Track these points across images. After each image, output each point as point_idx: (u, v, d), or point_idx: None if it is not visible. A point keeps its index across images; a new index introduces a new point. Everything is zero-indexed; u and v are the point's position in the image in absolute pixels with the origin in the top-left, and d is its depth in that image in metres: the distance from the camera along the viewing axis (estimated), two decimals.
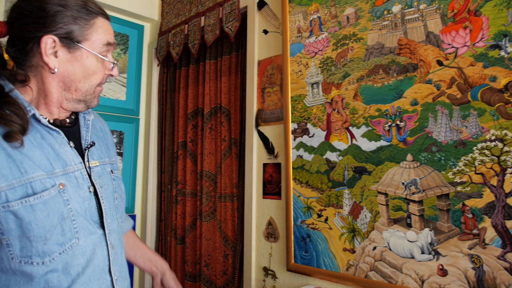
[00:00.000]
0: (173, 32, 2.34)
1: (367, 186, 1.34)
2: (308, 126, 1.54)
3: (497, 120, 1.07)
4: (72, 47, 0.85)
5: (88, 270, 0.84)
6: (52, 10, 0.82)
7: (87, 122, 0.98)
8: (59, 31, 0.83)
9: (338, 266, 1.40)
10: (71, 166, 0.87)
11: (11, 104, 0.78)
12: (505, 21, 1.07)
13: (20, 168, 0.77)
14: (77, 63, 0.86)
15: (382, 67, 1.33)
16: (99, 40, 0.89)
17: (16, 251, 0.76)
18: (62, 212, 0.81)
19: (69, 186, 0.84)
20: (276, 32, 1.74)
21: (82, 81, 0.88)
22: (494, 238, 1.05)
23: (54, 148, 0.85)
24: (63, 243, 0.81)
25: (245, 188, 1.80)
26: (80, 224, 0.84)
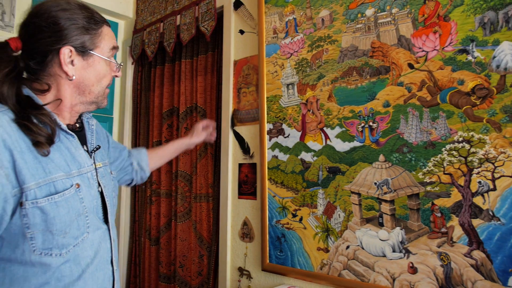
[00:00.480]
0: (148, 30, 2.29)
1: (340, 186, 1.34)
2: (284, 127, 1.54)
3: (464, 122, 1.10)
4: (86, 55, 0.94)
5: (95, 261, 0.93)
6: (65, 24, 0.90)
7: (91, 127, 1.07)
8: (74, 42, 0.91)
9: (312, 266, 1.40)
10: (84, 168, 0.95)
11: (43, 114, 0.87)
12: (472, 26, 1.10)
13: (45, 168, 0.85)
14: (90, 69, 0.95)
15: (355, 69, 1.34)
16: (107, 46, 0.98)
17: (39, 243, 0.83)
18: (78, 209, 0.90)
19: (83, 186, 0.93)
20: (252, 33, 1.73)
21: (95, 84, 0.97)
22: (461, 236, 1.08)
23: (70, 151, 0.93)
24: (77, 236, 0.89)
25: (221, 188, 1.78)
26: (91, 219, 0.93)
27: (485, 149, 1.05)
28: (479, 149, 1.06)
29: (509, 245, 1.00)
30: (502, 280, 1.01)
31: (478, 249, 1.05)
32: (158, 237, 2.19)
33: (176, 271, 2.00)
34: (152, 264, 2.20)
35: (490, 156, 1.04)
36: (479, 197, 1.05)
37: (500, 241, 1.01)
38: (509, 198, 1.01)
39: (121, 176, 1.33)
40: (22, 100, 0.87)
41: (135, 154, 1.39)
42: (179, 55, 2.19)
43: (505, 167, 1.02)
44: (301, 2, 1.53)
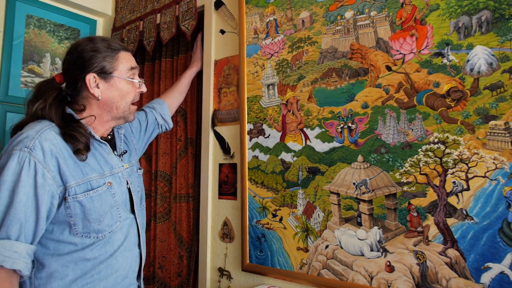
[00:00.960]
0: (128, 29, 2.23)
1: (320, 186, 1.35)
2: (264, 127, 1.53)
3: (439, 123, 1.11)
4: (107, 77, 1.15)
5: (125, 243, 1.16)
6: (87, 56, 1.13)
7: (120, 135, 1.30)
8: (95, 69, 1.13)
9: (292, 265, 1.40)
10: (116, 169, 1.18)
11: (80, 127, 1.10)
12: (448, 30, 1.12)
13: (83, 171, 1.09)
14: (113, 88, 1.16)
15: (335, 70, 1.35)
16: (125, 68, 1.18)
17: (80, 228, 1.07)
18: (110, 202, 1.13)
19: (114, 184, 1.16)
20: (233, 33, 1.71)
21: (120, 101, 1.17)
22: (436, 235, 1.10)
23: (103, 156, 1.16)
24: (111, 224, 1.12)
25: (201, 189, 1.76)
26: (122, 211, 1.16)
27: (459, 150, 1.07)
28: (454, 150, 1.08)
29: (482, 243, 1.02)
30: (475, 277, 1.03)
31: (453, 248, 1.07)
32: None
33: (155, 272, 1.96)
34: None
35: (464, 157, 1.06)
36: (453, 197, 1.07)
37: (473, 239, 1.04)
38: (481, 198, 1.03)
39: (152, 135, 1.56)
40: (66, 117, 1.11)
41: (158, 108, 1.58)
42: (159, 54, 2.15)
43: (478, 168, 1.04)
44: (282, 3, 1.53)
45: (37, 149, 1.00)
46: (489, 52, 1.05)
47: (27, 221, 0.99)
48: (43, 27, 2.23)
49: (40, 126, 1.06)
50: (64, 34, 2.33)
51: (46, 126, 1.06)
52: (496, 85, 1.03)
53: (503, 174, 1.00)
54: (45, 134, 1.04)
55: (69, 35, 2.36)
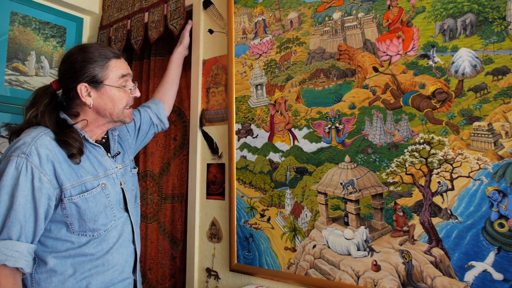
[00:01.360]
0: (115, 27, 2.20)
1: (308, 186, 1.35)
2: (252, 127, 1.53)
3: (425, 124, 1.12)
4: (98, 86, 1.17)
5: (120, 240, 1.21)
6: (78, 66, 1.15)
7: (114, 137, 1.33)
8: (86, 79, 1.15)
9: (279, 265, 1.39)
10: (110, 170, 1.23)
11: (73, 132, 1.14)
12: (433, 32, 1.13)
13: (77, 173, 1.13)
14: (104, 96, 1.18)
15: (323, 71, 1.35)
16: (115, 76, 1.19)
17: (76, 227, 1.13)
18: (105, 202, 1.18)
19: (108, 185, 1.20)
20: (222, 32, 1.70)
21: (112, 107, 1.20)
22: (421, 234, 1.11)
23: (97, 158, 1.21)
24: (106, 223, 1.18)
25: (189, 189, 1.74)
26: (116, 210, 1.21)
27: (444, 151, 1.08)
28: (439, 150, 1.09)
29: (466, 242, 1.04)
30: (459, 276, 1.04)
31: (437, 247, 1.08)
32: None
33: (146, 274, 1.94)
34: None
35: (448, 157, 1.07)
36: (438, 197, 1.08)
37: (457, 238, 1.05)
38: (465, 198, 1.05)
39: (147, 135, 1.55)
40: (59, 123, 1.15)
41: (154, 108, 1.57)
42: (147, 53, 2.12)
43: (462, 168, 1.05)
44: (270, 3, 1.52)
45: (34, 155, 1.06)
46: (473, 54, 1.06)
47: (27, 222, 1.05)
48: (28, 24, 2.18)
49: (36, 132, 1.11)
50: (50, 32, 2.28)
51: (41, 132, 1.11)
52: (480, 87, 1.04)
53: (486, 174, 1.02)
54: (40, 140, 1.09)
55: (55, 33, 2.31)
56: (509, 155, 0.99)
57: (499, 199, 0.99)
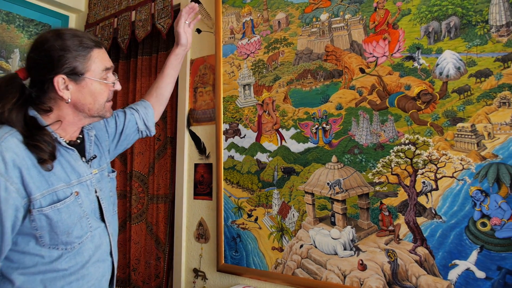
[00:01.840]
0: (101, 25, 2.16)
1: (295, 186, 1.35)
2: (240, 127, 1.52)
3: (410, 125, 1.13)
4: (78, 79, 1.03)
5: (97, 253, 1.07)
6: (56, 56, 1.00)
7: (90, 137, 1.16)
8: (65, 70, 1.00)
9: (267, 265, 1.39)
10: (84, 177, 1.07)
11: (45, 135, 0.99)
12: (418, 35, 1.14)
13: (48, 181, 0.98)
14: (84, 90, 1.04)
15: (310, 72, 1.35)
16: (98, 68, 1.05)
17: (47, 240, 0.98)
18: (79, 213, 1.03)
19: (82, 193, 1.05)
20: (209, 32, 1.69)
21: (92, 102, 1.06)
22: (407, 234, 1.12)
23: (70, 163, 1.05)
24: (81, 236, 1.03)
25: (176, 189, 1.72)
26: (92, 220, 1.07)
27: (429, 151, 1.09)
28: (424, 151, 1.10)
29: (449, 241, 1.05)
30: (443, 274, 1.05)
31: (422, 246, 1.09)
32: None
33: (130, 275, 1.91)
34: None
35: (433, 158, 1.09)
36: (423, 197, 1.10)
37: (441, 237, 1.06)
38: (449, 197, 1.06)
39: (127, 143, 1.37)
40: (28, 121, 1.00)
41: (142, 112, 1.38)
42: (134, 52, 2.09)
43: (446, 168, 1.06)
44: (258, 3, 1.51)
45: None
46: (457, 56, 1.07)
47: None
48: (12, 21, 2.12)
49: (0, 133, 0.96)
50: (34, 30, 2.23)
51: (6, 133, 0.96)
52: (464, 88, 1.06)
53: (470, 175, 1.03)
54: (6, 143, 0.94)
55: (40, 30, 2.26)
56: (491, 155, 1.00)
57: (481, 199, 1.01)
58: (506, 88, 0.99)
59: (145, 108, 1.40)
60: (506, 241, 0.97)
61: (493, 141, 1.00)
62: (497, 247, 0.98)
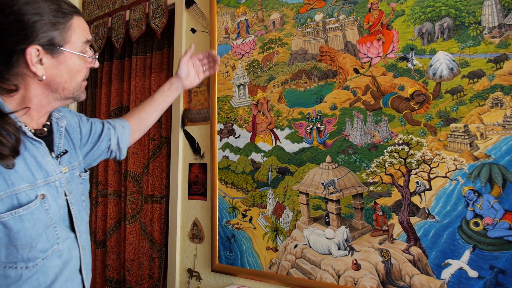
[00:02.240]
0: (95, 24, 2.15)
1: (289, 186, 1.34)
2: (234, 127, 1.51)
3: (404, 125, 1.14)
4: (55, 52, 0.85)
5: (65, 271, 0.87)
6: (30, 21, 0.80)
7: (60, 129, 0.97)
8: (41, 40, 0.82)
9: (261, 265, 1.39)
10: (52, 176, 0.87)
11: (7, 124, 0.80)
12: (412, 36, 1.14)
13: (7, 180, 0.78)
14: (61, 66, 0.86)
15: (305, 72, 1.35)
16: (79, 40, 0.88)
17: (2, 257, 0.78)
18: (45, 221, 0.83)
19: (49, 196, 0.85)
20: (204, 32, 1.68)
21: (69, 81, 0.88)
22: (400, 234, 1.12)
23: (37, 159, 0.85)
24: (46, 249, 0.83)
25: (170, 189, 1.72)
26: (60, 230, 0.87)
27: (422, 151, 1.10)
28: (417, 151, 1.11)
29: (442, 241, 1.05)
30: (436, 274, 1.05)
31: (415, 245, 1.09)
32: (104, 239, 2.07)
33: (125, 275, 1.90)
34: (98, 268, 2.07)
35: (426, 158, 1.09)
36: (416, 197, 1.10)
37: (435, 237, 1.06)
38: (442, 197, 1.06)
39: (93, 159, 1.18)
40: None
41: (119, 131, 1.21)
42: (129, 51, 2.08)
43: (439, 168, 1.07)
44: (253, 4, 1.51)
45: None
46: (450, 57, 1.08)
47: None
48: None
49: None
50: None
51: None
52: (457, 89, 1.06)
53: (462, 175, 1.03)
54: None
55: None
56: (484, 156, 1.01)
57: (474, 199, 1.01)
58: (498, 89, 1.00)
59: (123, 128, 1.23)
60: (498, 241, 0.98)
61: (486, 142, 1.01)
62: (490, 246, 0.99)
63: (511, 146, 0.98)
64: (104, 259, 2.04)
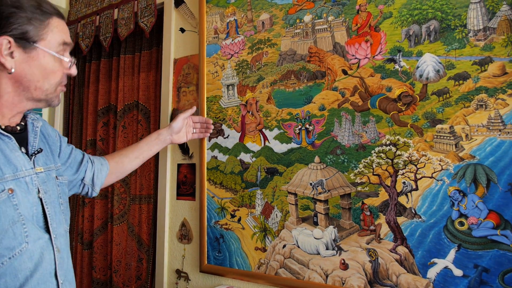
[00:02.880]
0: (83, 23, 2.11)
1: (278, 186, 1.34)
2: (223, 127, 1.50)
3: (391, 126, 1.14)
4: (28, 47, 0.84)
5: (36, 275, 0.82)
6: (6, 12, 0.81)
7: (35, 128, 0.96)
8: (13, 31, 0.81)
9: (250, 265, 1.38)
10: (21, 172, 0.86)
11: None
12: (399, 38, 1.15)
13: None
14: (34, 63, 0.85)
15: (294, 72, 1.35)
16: (55, 40, 0.88)
17: None
18: (12, 216, 0.80)
19: (18, 191, 0.83)
20: (193, 32, 1.67)
21: (41, 80, 0.87)
22: (387, 233, 1.13)
23: (5, 153, 0.83)
24: (13, 247, 0.79)
25: (159, 189, 1.70)
26: (29, 228, 0.83)
27: (409, 152, 1.11)
28: (404, 152, 1.11)
29: (428, 240, 1.06)
30: (422, 273, 1.06)
31: (402, 245, 1.10)
32: (91, 240, 2.03)
33: (111, 277, 1.87)
34: (84, 270, 2.03)
35: (413, 159, 1.10)
36: (403, 197, 1.11)
37: (421, 236, 1.07)
38: (428, 197, 1.07)
39: (70, 187, 1.15)
40: None
41: (97, 166, 1.21)
42: (117, 50, 2.05)
43: (425, 169, 1.08)
44: (242, 4, 1.50)
45: None
46: (436, 59, 1.09)
47: None
48: None
49: None
50: None
51: None
52: (443, 91, 1.07)
53: (448, 175, 1.05)
54: None
55: None
56: (469, 156, 1.02)
57: (459, 199, 1.03)
58: (483, 91, 1.01)
59: (101, 165, 1.23)
60: (483, 240, 0.99)
61: (471, 143, 1.02)
62: (474, 245, 1.00)
63: (495, 147, 0.99)
64: (91, 261, 2.01)
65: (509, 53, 0.99)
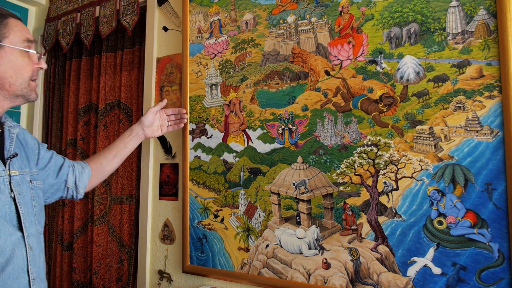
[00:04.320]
0: (63, 20, 2.04)
1: (261, 186, 1.33)
2: (207, 127, 1.48)
3: (373, 127, 1.15)
4: None
5: (8, 269, 0.86)
6: None
7: (12, 135, 0.99)
8: None
9: (233, 265, 1.36)
10: None
11: None
12: (381, 40, 1.16)
13: None
14: (3, 61, 0.89)
15: (277, 73, 1.33)
16: (18, 37, 0.92)
17: None
18: None
19: None
20: (176, 31, 1.64)
21: (14, 76, 0.91)
22: (369, 232, 1.13)
23: None
24: None
25: (141, 189, 1.65)
26: (1, 225, 0.86)
27: (390, 153, 1.11)
28: (385, 152, 1.12)
29: (408, 239, 1.07)
30: (402, 271, 1.07)
31: (383, 244, 1.10)
32: (71, 242, 1.97)
33: (92, 278, 1.82)
34: (64, 271, 1.97)
35: (394, 159, 1.10)
36: (384, 196, 1.11)
37: (401, 235, 1.08)
38: (408, 197, 1.08)
39: (51, 192, 1.17)
40: None
41: (78, 170, 1.22)
42: (98, 48, 1.99)
43: (406, 169, 1.08)
44: (226, 3, 1.48)
45: None
46: (416, 62, 1.09)
47: None
48: None
49: None
50: None
51: None
52: (423, 92, 1.08)
53: (427, 175, 1.05)
54: None
55: None
56: (447, 157, 1.03)
57: (438, 198, 1.03)
58: (461, 93, 1.03)
59: (82, 168, 1.25)
60: (460, 238, 1.00)
61: (449, 143, 1.03)
62: (452, 244, 1.01)
63: (472, 148, 1.00)
64: (71, 262, 1.95)
65: (486, 56, 1.00)
